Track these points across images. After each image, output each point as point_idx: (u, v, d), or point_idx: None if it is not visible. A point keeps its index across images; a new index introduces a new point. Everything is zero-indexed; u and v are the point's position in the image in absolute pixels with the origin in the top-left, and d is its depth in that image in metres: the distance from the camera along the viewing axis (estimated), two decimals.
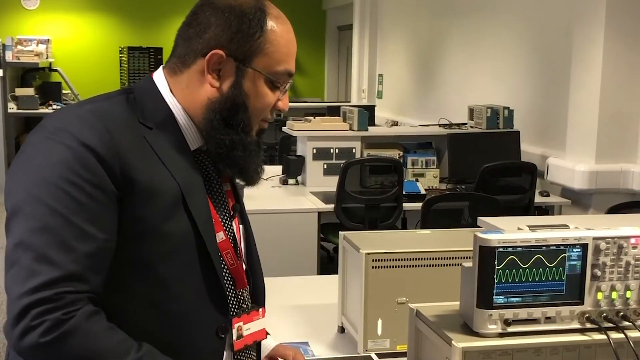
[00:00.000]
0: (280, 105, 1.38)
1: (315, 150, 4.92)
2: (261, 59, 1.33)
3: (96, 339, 1.15)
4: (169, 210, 1.26)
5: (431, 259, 1.81)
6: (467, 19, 6.65)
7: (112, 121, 1.25)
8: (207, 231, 1.31)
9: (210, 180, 1.38)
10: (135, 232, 1.23)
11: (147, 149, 1.27)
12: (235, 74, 1.33)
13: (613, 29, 4.27)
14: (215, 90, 1.33)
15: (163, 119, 1.32)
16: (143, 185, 1.23)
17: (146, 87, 1.36)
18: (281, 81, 1.36)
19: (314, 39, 12.34)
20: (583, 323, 1.22)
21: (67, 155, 1.19)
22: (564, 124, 4.73)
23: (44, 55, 10.05)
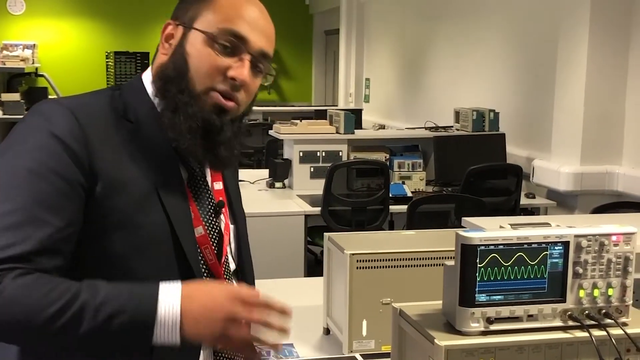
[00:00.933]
0: (231, 73, 1.31)
1: (301, 154, 4.92)
2: (205, 18, 1.32)
3: (26, 289, 1.11)
4: (140, 203, 1.26)
5: (415, 259, 1.81)
6: (453, 22, 6.67)
7: (87, 114, 1.27)
8: (182, 225, 1.30)
9: (194, 175, 1.38)
10: (107, 223, 1.24)
11: (123, 142, 1.29)
12: (180, 37, 1.34)
13: (597, 32, 4.30)
14: (165, 57, 1.34)
15: (145, 114, 1.33)
16: (112, 176, 1.24)
17: (133, 84, 1.38)
18: (224, 41, 1.30)
19: (301, 43, 12.36)
20: (565, 321, 1.23)
21: (38, 145, 1.22)
22: (549, 126, 4.75)
23: (30, 61, 10.00)
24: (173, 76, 1.31)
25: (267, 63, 1.37)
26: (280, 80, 12.51)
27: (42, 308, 1.10)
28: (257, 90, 1.41)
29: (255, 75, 1.36)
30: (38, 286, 1.12)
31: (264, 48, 1.35)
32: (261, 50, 1.34)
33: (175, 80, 1.31)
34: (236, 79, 1.31)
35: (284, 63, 12.46)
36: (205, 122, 1.31)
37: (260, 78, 1.39)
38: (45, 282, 1.13)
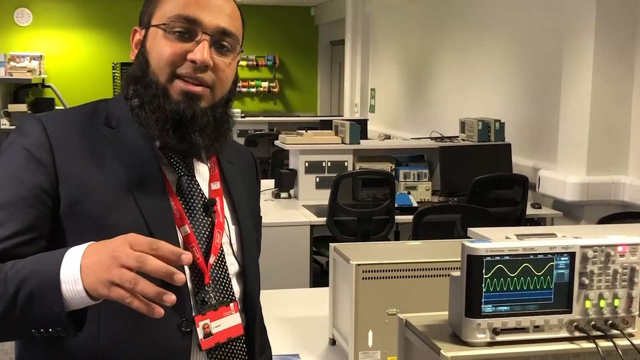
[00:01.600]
0: (190, 56, 1.30)
1: (307, 164, 4.93)
2: (158, 15, 1.34)
3: None
4: (113, 204, 1.26)
5: (421, 270, 1.81)
6: (458, 33, 6.68)
7: (57, 124, 1.31)
8: (159, 224, 1.29)
9: (180, 176, 1.37)
10: (79, 226, 1.24)
11: (100, 146, 1.31)
12: (142, 39, 1.37)
13: (603, 42, 4.30)
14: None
15: (124, 119, 1.35)
16: (82, 180, 1.26)
17: (119, 95, 1.41)
18: (177, 27, 1.31)
19: (307, 54, 12.39)
20: (571, 331, 1.22)
21: (8, 158, 1.27)
22: (555, 136, 4.75)
23: (36, 72, 10.05)
24: (138, 75, 1.34)
25: (231, 39, 1.35)
26: (285, 90, 12.54)
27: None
28: (234, 71, 1.40)
29: (222, 54, 1.35)
30: None
31: (221, 25, 1.34)
32: (219, 28, 1.33)
33: (139, 79, 1.34)
34: (196, 60, 1.30)
35: (290, 73, 12.49)
36: (174, 112, 1.31)
37: (232, 56, 1.37)
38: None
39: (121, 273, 1.05)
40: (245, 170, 1.57)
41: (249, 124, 8.29)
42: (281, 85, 12.47)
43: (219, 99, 1.37)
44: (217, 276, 1.37)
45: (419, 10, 7.68)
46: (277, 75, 12.41)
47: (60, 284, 1.09)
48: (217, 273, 1.37)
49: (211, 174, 1.44)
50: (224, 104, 1.38)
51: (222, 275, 1.38)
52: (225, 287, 1.38)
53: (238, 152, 1.58)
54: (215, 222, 1.38)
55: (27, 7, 11.31)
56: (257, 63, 12.17)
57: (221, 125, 1.37)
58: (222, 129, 1.38)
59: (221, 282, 1.38)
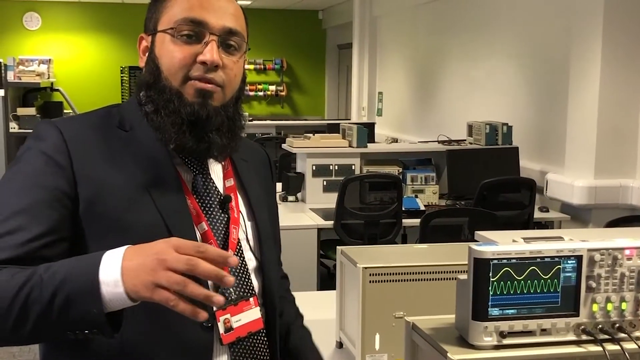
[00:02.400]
0: (200, 58, 1.33)
1: (314, 167, 4.93)
2: (164, 20, 1.36)
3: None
4: (131, 204, 1.28)
5: (428, 273, 1.81)
6: (465, 36, 6.68)
7: (73, 128, 1.34)
8: (178, 222, 1.31)
9: (195, 175, 1.39)
10: (99, 226, 1.27)
11: (115, 149, 1.33)
12: (150, 45, 1.39)
13: (610, 45, 4.30)
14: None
15: (138, 123, 1.37)
16: (100, 182, 1.28)
17: (130, 100, 1.43)
18: (184, 31, 1.34)
19: (314, 57, 12.41)
20: (579, 335, 1.22)
21: (26, 163, 1.30)
22: (562, 139, 4.74)
23: (45, 75, 10.10)
24: (150, 82, 1.36)
25: (237, 38, 1.38)
26: (293, 94, 12.55)
27: (4, 292, 1.12)
28: (242, 69, 1.42)
29: (230, 54, 1.37)
30: (1, 275, 1.14)
31: (227, 24, 1.36)
32: (225, 28, 1.36)
33: (153, 85, 1.36)
34: (206, 61, 1.32)
35: (297, 77, 12.51)
36: (189, 114, 1.33)
37: (239, 55, 1.39)
38: (8, 271, 1.15)
39: (168, 276, 1.07)
40: (259, 166, 1.59)
41: (257, 128, 8.30)
42: (289, 88, 12.49)
43: (230, 98, 1.39)
44: (236, 272, 1.39)
45: (427, 14, 7.69)
46: (285, 78, 12.43)
47: (99, 286, 1.10)
48: (236, 268, 1.39)
49: (225, 172, 1.46)
50: (234, 103, 1.41)
51: (241, 270, 1.40)
52: (245, 281, 1.40)
53: (251, 149, 1.60)
54: (231, 218, 1.40)
55: (36, 11, 11.37)
56: (265, 66, 12.19)
57: (234, 123, 1.40)
58: (235, 127, 1.40)
59: (240, 276, 1.40)
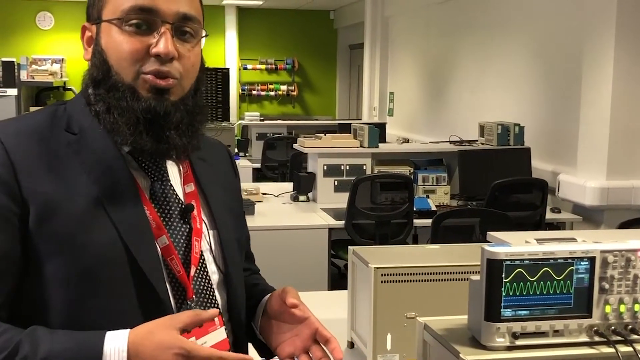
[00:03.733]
0: (154, 50, 1.20)
1: (325, 167, 4.93)
2: (109, 8, 1.23)
3: None
4: (83, 221, 1.17)
5: (440, 274, 1.81)
6: (477, 36, 6.67)
7: (16, 137, 1.20)
8: (136, 238, 1.19)
9: (153, 181, 1.27)
10: (47, 248, 1.16)
11: (63, 156, 1.20)
12: (95, 36, 1.26)
13: (623, 46, 4.28)
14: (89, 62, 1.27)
15: (88, 124, 1.24)
16: (48, 197, 1.16)
17: (77, 97, 1.30)
18: (133, 20, 1.21)
19: (326, 57, 12.42)
20: (591, 336, 1.22)
21: None
22: (574, 140, 4.73)
23: (58, 75, 10.16)
24: (99, 78, 1.24)
25: (193, 24, 1.26)
26: (304, 94, 12.56)
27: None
28: (199, 56, 1.29)
29: (185, 41, 1.25)
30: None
31: (181, 10, 1.23)
32: (178, 14, 1.23)
33: (102, 81, 1.23)
34: (160, 54, 1.20)
35: (309, 77, 12.52)
36: (144, 111, 1.21)
37: (195, 42, 1.27)
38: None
39: None
40: (220, 165, 1.46)
41: (268, 127, 8.31)
42: (300, 88, 12.50)
43: (188, 90, 1.27)
44: (199, 288, 1.28)
45: (438, 14, 7.67)
46: (296, 78, 12.44)
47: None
48: (200, 285, 1.28)
49: (183, 176, 1.34)
50: (193, 95, 1.28)
51: (205, 286, 1.29)
52: (209, 299, 1.29)
53: (209, 146, 1.45)
54: (193, 229, 1.29)
55: (49, 11, 11.44)
56: (276, 66, 12.21)
57: (194, 118, 1.28)
58: (195, 122, 1.28)
59: (204, 294, 1.29)
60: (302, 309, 1.31)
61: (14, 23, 11.26)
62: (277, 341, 1.34)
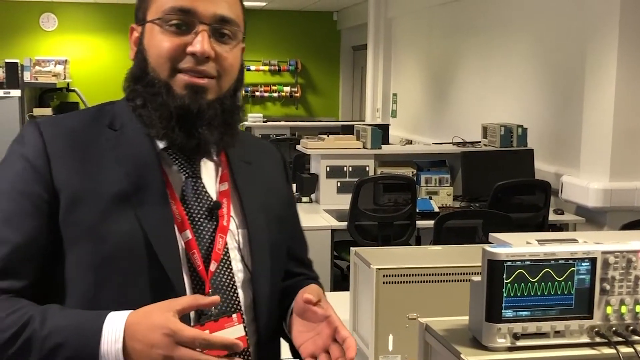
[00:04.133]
0: (190, 49, 1.25)
1: (328, 168, 4.94)
2: (153, 9, 1.30)
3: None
4: (108, 212, 1.22)
5: (442, 275, 1.81)
6: (480, 38, 6.67)
7: (56, 129, 1.28)
8: (158, 231, 1.24)
9: (185, 178, 1.32)
10: (74, 235, 1.22)
11: (100, 151, 1.27)
12: (139, 37, 1.33)
13: (626, 47, 4.28)
14: None
15: (128, 119, 1.31)
16: (77, 187, 1.22)
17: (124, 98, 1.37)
18: (173, 20, 1.27)
19: (329, 58, 12.42)
20: (592, 337, 1.22)
21: (8, 167, 1.26)
22: (577, 142, 4.72)
23: (61, 76, 10.18)
24: (138, 74, 1.30)
25: (231, 26, 1.30)
26: (307, 95, 12.57)
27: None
28: (239, 58, 1.34)
29: (224, 43, 1.30)
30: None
31: (219, 12, 1.28)
32: (216, 16, 1.28)
33: (140, 78, 1.30)
34: (196, 53, 1.25)
35: (312, 78, 12.52)
36: (179, 107, 1.26)
37: (234, 44, 1.32)
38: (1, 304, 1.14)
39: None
40: (266, 169, 1.48)
41: (271, 129, 8.32)
42: (303, 90, 12.50)
43: (227, 90, 1.32)
44: (219, 284, 1.30)
45: (442, 15, 7.68)
46: (299, 80, 12.45)
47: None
48: (220, 281, 1.30)
49: (220, 174, 1.37)
50: (232, 95, 1.33)
51: (226, 283, 1.31)
52: (229, 296, 1.31)
53: (260, 150, 1.51)
54: (219, 226, 1.32)
55: (53, 12, 11.46)
56: (279, 68, 12.21)
57: (230, 117, 1.32)
58: (231, 120, 1.32)
59: (224, 291, 1.30)
60: (324, 307, 1.31)
61: (17, 24, 11.29)
62: (301, 340, 1.33)
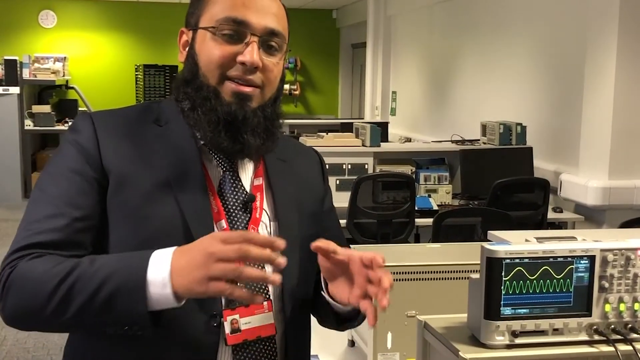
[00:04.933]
0: (240, 58, 1.32)
1: (327, 166, 4.92)
2: (206, 17, 1.35)
3: (33, 265, 1.20)
4: (151, 195, 1.29)
5: (441, 272, 1.81)
6: (480, 36, 6.67)
7: (106, 119, 1.37)
8: (196, 217, 1.30)
9: (223, 172, 1.38)
10: (120, 215, 1.29)
11: (146, 143, 1.34)
12: (190, 41, 1.39)
13: (626, 45, 4.28)
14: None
15: (173, 119, 1.38)
16: (124, 171, 1.30)
17: (171, 97, 1.43)
18: (226, 30, 1.33)
19: (328, 56, 12.41)
20: (591, 335, 1.22)
21: (64, 153, 1.33)
22: (577, 140, 4.72)
23: (60, 73, 10.17)
24: (189, 78, 1.36)
25: (278, 39, 1.37)
26: (307, 93, 12.57)
27: (47, 279, 1.17)
28: (282, 70, 1.41)
29: (271, 54, 1.36)
30: (45, 262, 1.19)
31: (269, 25, 1.35)
32: (267, 28, 1.35)
33: (190, 82, 1.36)
34: (245, 62, 1.31)
35: (311, 76, 12.52)
36: (226, 113, 1.32)
37: (279, 56, 1.39)
38: (51, 259, 1.20)
39: (221, 267, 1.10)
40: (302, 167, 1.54)
41: None
42: (302, 87, 12.50)
43: (269, 98, 1.38)
44: None
45: (441, 13, 7.67)
46: (299, 77, 12.44)
47: (146, 286, 1.14)
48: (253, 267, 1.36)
49: (256, 170, 1.44)
50: (272, 103, 1.40)
51: None
52: (259, 284, 1.36)
53: (298, 150, 1.59)
54: (252, 217, 1.39)
55: (52, 9, 11.45)
56: None
57: (271, 123, 1.38)
58: (272, 127, 1.39)
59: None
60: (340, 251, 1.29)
61: (16, 21, 11.27)
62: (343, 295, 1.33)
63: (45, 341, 4.59)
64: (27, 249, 1.22)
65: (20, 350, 4.51)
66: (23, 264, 1.20)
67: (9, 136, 8.80)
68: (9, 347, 4.53)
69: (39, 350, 4.49)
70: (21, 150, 8.95)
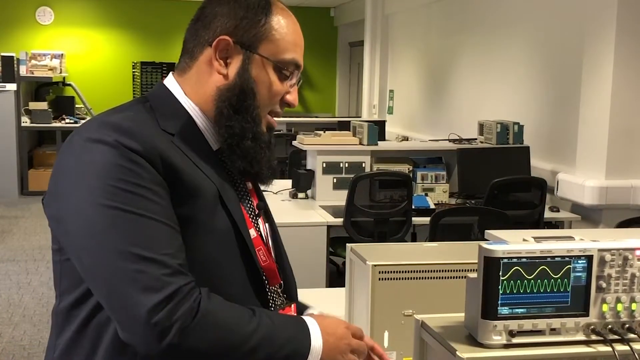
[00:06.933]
0: (288, 98, 1.38)
1: (325, 165, 4.93)
2: (267, 46, 1.34)
3: (223, 312, 1.23)
4: (211, 209, 1.30)
5: (438, 271, 1.81)
6: (478, 35, 6.67)
7: (144, 126, 1.26)
8: (243, 228, 1.34)
9: (234, 179, 1.40)
10: (185, 228, 1.26)
11: (178, 152, 1.29)
12: (242, 60, 1.34)
13: (623, 45, 4.28)
14: (223, 77, 1.33)
15: (183, 125, 1.33)
16: (186, 183, 1.26)
17: (160, 94, 1.37)
18: (289, 70, 1.37)
19: (326, 54, 12.41)
20: (588, 335, 1.22)
21: (115, 159, 1.19)
22: (574, 139, 4.73)
23: (57, 70, 10.15)
24: (242, 102, 1.33)
25: None
26: (304, 91, 12.56)
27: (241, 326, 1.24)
28: None
29: None
30: (229, 309, 1.25)
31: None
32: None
33: (244, 107, 1.33)
34: (291, 104, 1.39)
35: (309, 74, 12.51)
36: (266, 143, 1.38)
37: None
38: (228, 305, 1.25)
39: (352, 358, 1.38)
40: None
41: None
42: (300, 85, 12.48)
43: None
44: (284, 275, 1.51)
45: (439, 12, 7.67)
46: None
47: (308, 355, 1.31)
48: (284, 272, 1.51)
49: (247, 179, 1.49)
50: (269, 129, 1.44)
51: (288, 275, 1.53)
52: (289, 286, 1.51)
53: None
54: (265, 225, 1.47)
55: (49, 5, 11.42)
56: None
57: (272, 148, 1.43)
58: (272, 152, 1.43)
59: (286, 280, 1.51)
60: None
61: (13, 18, 11.25)
62: None
63: (40, 338, 4.59)
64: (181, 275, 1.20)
65: (16, 347, 4.51)
66: (208, 303, 1.21)
67: (6, 133, 8.79)
68: (5, 344, 4.53)
69: (34, 348, 4.48)
70: (18, 147, 8.94)
